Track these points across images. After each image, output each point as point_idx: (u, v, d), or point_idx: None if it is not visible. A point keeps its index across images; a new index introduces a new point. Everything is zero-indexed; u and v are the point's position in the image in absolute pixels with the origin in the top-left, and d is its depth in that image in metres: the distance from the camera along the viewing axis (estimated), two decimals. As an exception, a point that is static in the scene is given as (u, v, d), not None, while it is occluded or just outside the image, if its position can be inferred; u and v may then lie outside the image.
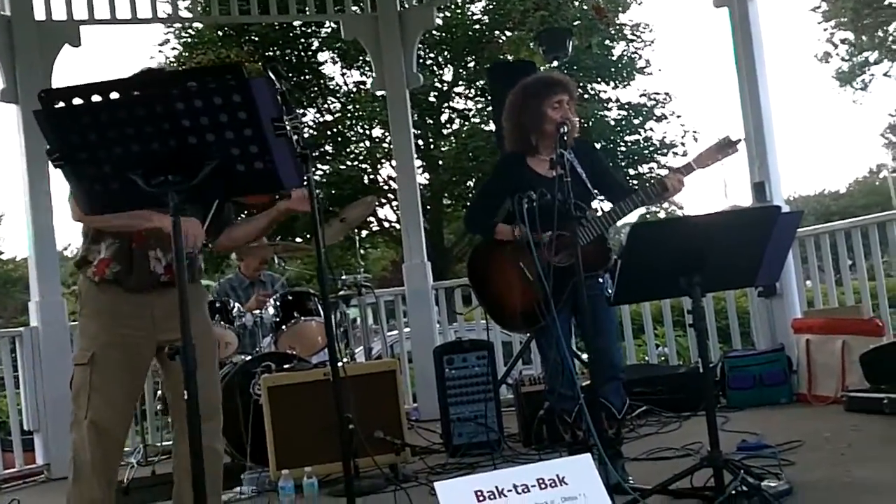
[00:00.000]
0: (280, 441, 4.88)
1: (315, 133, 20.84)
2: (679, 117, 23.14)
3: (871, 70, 30.19)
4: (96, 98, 2.41)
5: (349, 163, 21.26)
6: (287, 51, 20.43)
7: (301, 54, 20.84)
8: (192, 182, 2.51)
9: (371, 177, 21.33)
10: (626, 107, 22.46)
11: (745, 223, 3.64)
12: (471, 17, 20.74)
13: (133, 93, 2.41)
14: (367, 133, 21.45)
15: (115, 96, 2.40)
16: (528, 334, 5.80)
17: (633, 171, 22.32)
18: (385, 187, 20.68)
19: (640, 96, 22.53)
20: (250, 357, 5.66)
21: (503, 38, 18.41)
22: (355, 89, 21.25)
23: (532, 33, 7.74)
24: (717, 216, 3.74)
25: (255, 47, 19.63)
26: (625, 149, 22.10)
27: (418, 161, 19.53)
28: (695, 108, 68.07)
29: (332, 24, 17.14)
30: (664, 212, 21.79)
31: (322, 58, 21.39)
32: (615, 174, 4.55)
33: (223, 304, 5.97)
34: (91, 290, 3.55)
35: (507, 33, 18.05)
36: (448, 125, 22.29)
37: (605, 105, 22.27)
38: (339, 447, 3.39)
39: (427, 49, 20.17)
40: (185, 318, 2.69)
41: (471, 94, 21.88)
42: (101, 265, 3.51)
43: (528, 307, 4.14)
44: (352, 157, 21.46)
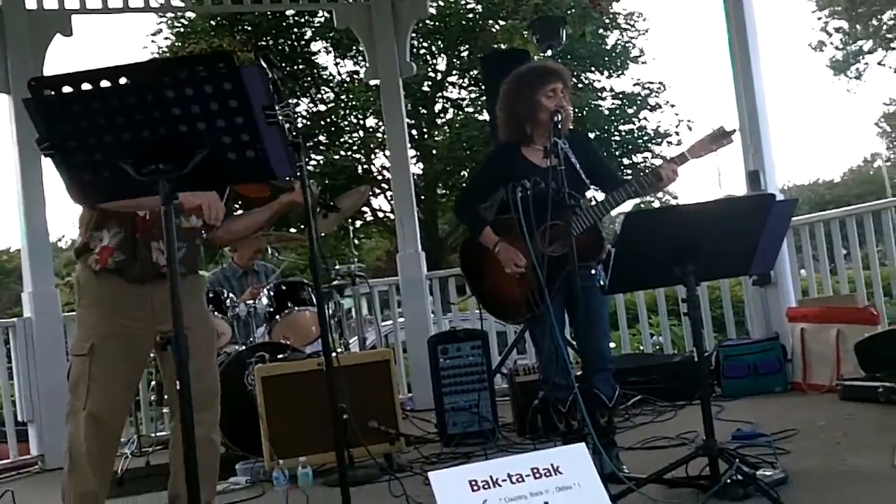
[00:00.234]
0: (274, 431, 4.87)
1: (308, 123, 20.80)
2: (673, 106, 23.24)
3: (865, 59, 30.24)
4: (86, 86, 2.38)
5: (343, 153, 21.24)
6: (280, 40, 20.38)
7: (294, 44, 20.80)
8: (183, 171, 2.48)
9: (365, 167, 21.30)
10: (620, 96, 22.47)
11: (739, 211, 3.63)
12: (464, 6, 20.72)
13: (123, 81, 2.39)
14: (361, 123, 21.43)
15: (105, 84, 2.38)
16: (523, 324, 5.79)
17: (627, 161, 22.35)
18: (379, 177, 20.66)
19: (634, 85, 22.57)
20: (244, 347, 5.65)
21: (497, 27, 18.36)
22: (349, 79, 21.22)
23: (525, 22, 7.70)
24: (711, 204, 3.73)
25: (247, 37, 19.57)
26: (619, 138, 22.12)
27: (412, 151, 19.47)
28: (689, 98, 67.99)
29: (325, 14, 17.08)
30: (658, 201, 21.84)
31: (315, 47, 21.38)
32: (609, 164, 4.54)
33: (216, 294, 5.94)
34: (90, 280, 3.52)
35: (501, 22, 18.01)
36: (442, 115, 22.27)
37: (599, 94, 22.27)
38: (333, 437, 3.39)
39: (420, 38, 20.13)
40: (176, 309, 2.68)
41: (464, 84, 21.87)
42: (103, 253, 3.47)
43: (521, 297, 4.13)
44: (345, 146, 21.44)
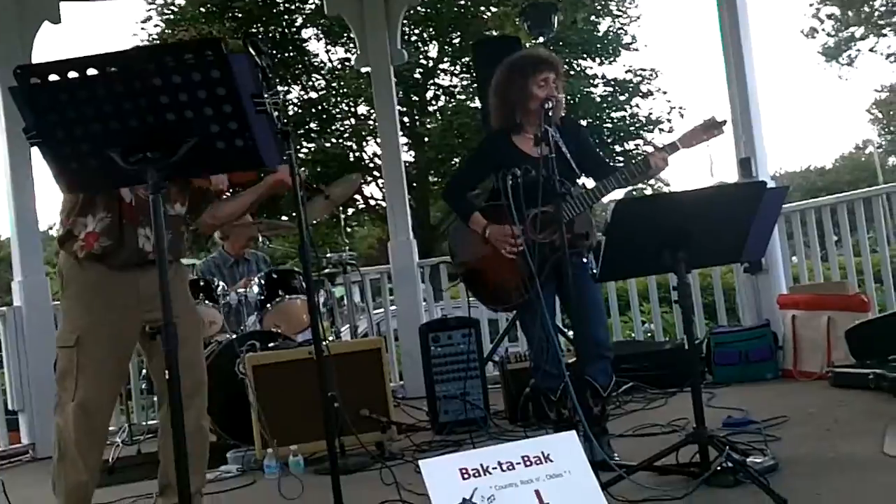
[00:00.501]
0: (266, 420, 4.87)
1: (300, 110, 20.75)
2: (665, 93, 23.17)
3: (856, 45, 30.22)
4: (73, 74, 2.36)
5: (334, 140, 21.19)
6: (270, 27, 20.31)
7: (285, 31, 20.73)
8: (172, 159, 2.47)
9: (356, 154, 21.27)
10: (612, 83, 22.46)
11: (730, 199, 3.62)
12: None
13: (110, 69, 2.37)
14: (352, 110, 21.38)
15: (92, 72, 2.36)
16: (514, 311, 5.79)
17: (619, 148, 22.36)
18: (370, 165, 20.63)
19: (626, 72, 22.56)
20: (235, 336, 5.64)
21: (488, 13, 18.32)
22: (340, 66, 21.15)
23: (517, 9, 7.69)
24: (702, 192, 3.72)
25: (237, 24, 19.49)
26: (611, 125, 22.13)
27: (404, 138, 19.47)
28: (681, 85, 68.08)
29: (316, 1, 17.02)
30: (650, 188, 21.84)
31: (306, 34, 21.29)
32: (600, 153, 4.53)
33: (207, 282, 5.93)
34: (74, 269, 3.49)
35: (493, 9, 17.96)
36: (433, 102, 22.24)
37: (591, 81, 22.25)
38: (324, 425, 3.39)
39: (412, 25, 20.07)
40: (166, 298, 2.67)
41: (456, 71, 21.83)
42: (88, 239, 3.43)
43: (511, 284, 4.12)
44: (336, 134, 21.39)
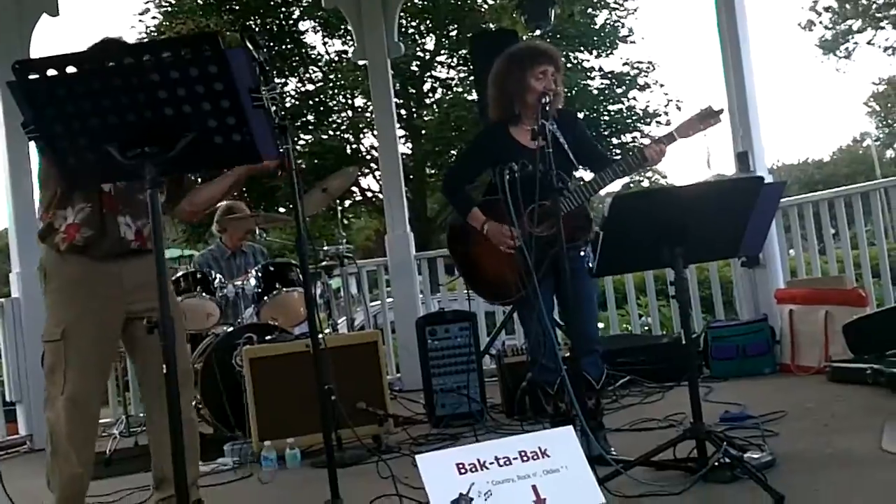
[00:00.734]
0: (262, 412, 4.87)
1: (297, 102, 20.72)
2: (662, 86, 23.17)
3: (854, 38, 30.25)
4: (71, 69, 2.36)
5: (331, 132, 21.17)
6: (268, 20, 20.27)
7: (282, 23, 20.69)
8: (169, 154, 2.47)
9: (353, 146, 21.25)
10: (609, 76, 22.43)
11: (727, 195, 3.62)
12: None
13: (108, 64, 2.37)
14: (349, 102, 21.35)
15: (90, 68, 2.36)
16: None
17: (616, 141, 22.34)
18: (367, 157, 20.61)
19: (623, 65, 22.53)
20: (232, 328, 5.64)
21: (485, 5, 18.30)
22: (337, 58, 21.12)
23: (514, 2, 7.68)
24: (699, 187, 3.72)
25: (235, 16, 19.46)
26: (608, 118, 22.11)
27: (401, 131, 19.43)
28: (678, 77, 68.10)
29: (314, -9, 17.00)
30: (647, 180, 21.86)
31: (303, 27, 21.25)
32: (597, 144, 4.52)
33: (205, 275, 5.92)
34: (57, 262, 3.50)
35: (490, 1, 17.95)
36: (430, 94, 22.22)
37: (588, 74, 22.22)
38: (321, 418, 3.39)
39: (409, 18, 20.03)
40: (163, 291, 2.66)
41: (453, 63, 21.79)
42: (70, 231, 3.44)
43: (509, 278, 4.12)
44: (334, 126, 21.37)
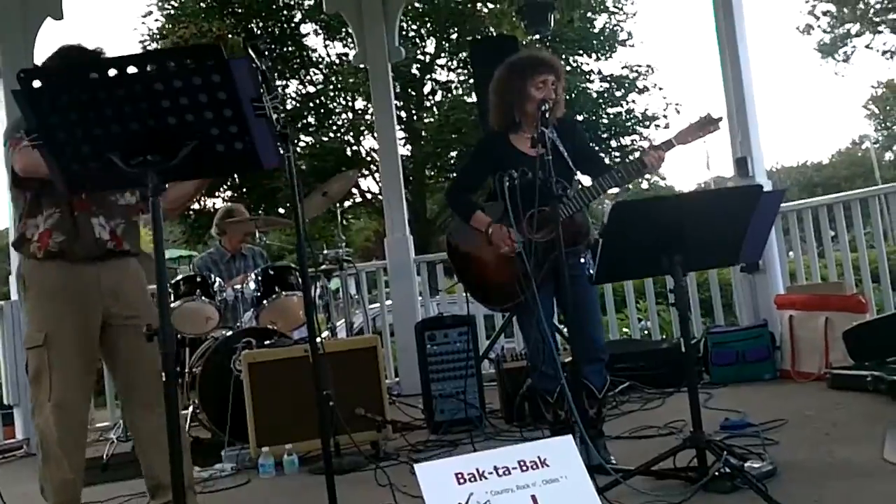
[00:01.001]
0: (260, 418, 4.86)
1: (298, 105, 20.74)
2: (661, 89, 23.23)
3: (852, 42, 30.28)
4: (75, 78, 2.37)
5: (332, 134, 21.19)
6: (270, 22, 20.30)
7: (284, 26, 20.71)
8: (172, 162, 2.48)
9: (353, 148, 21.27)
10: (609, 79, 22.48)
11: (726, 202, 3.62)
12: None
13: (112, 73, 2.37)
14: (350, 105, 21.37)
15: (94, 76, 2.36)
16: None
17: (615, 143, 22.38)
18: (368, 158, 20.63)
19: (622, 68, 22.59)
20: (231, 332, 5.63)
21: (485, 9, 18.32)
22: (338, 61, 21.15)
23: (514, 6, 7.70)
24: (698, 195, 3.73)
25: (237, 19, 19.48)
26: (607, 121, 22.15)
27: (401, 133, 19.47)
28: (677, 81, 68.07)
29: (315, -4, 17.03)
30: (647, 182, 21.85)
31: (305, 29, 21.30)
32: (596, 151, 4.54)
33: (204, 278, 5.92)
34: (35, 269, 3.51)
35: (490, 5, 17.96)
36: (431, 97, 22.24)
37: (588, 77, 22.25)
38: (319, 424, 3.39)
39: (409, 21, 20.05)
40: (162, 298, 2.67)
41: (453, 66, 21.82)
42: (43, 238, 3.46)
43: (508, 284, 4.12)
44: (334, 128, 21.39)
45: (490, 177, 4.21)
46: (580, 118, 20.44)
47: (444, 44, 21.43)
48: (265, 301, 5.90)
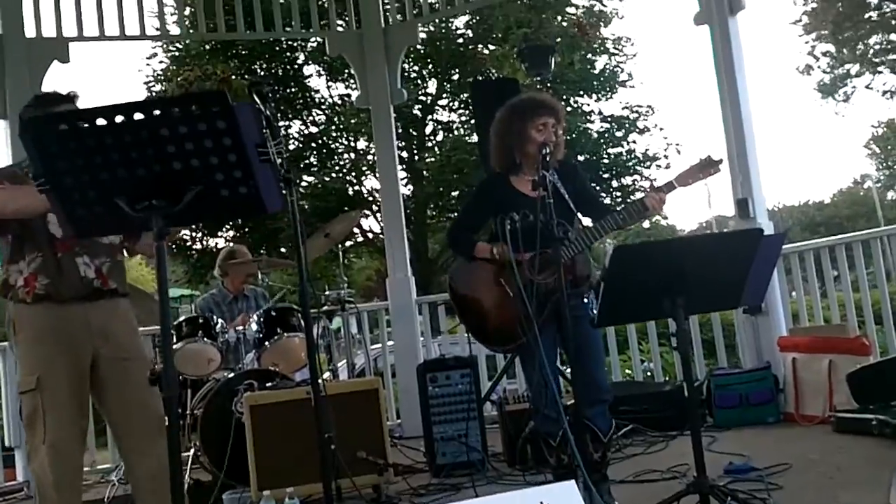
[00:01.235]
0: (262, 460, 4.84)
1: (300, 145, 20.85)
2: (662, 130, 23.31)
3: (852, 82, 30.44)
4: (82, 124, 2.39)
5: (334, 174, 21.26)
6: (273, 64, 20.44)
7: (287, 67, 20.86)
8: (177, 207, 2.50)
9: (355, 188, 21.33)
10: (609, 119, 22.55)
11: (727, 246, 3.64)
12: (455, 32, 20.80)
13: (119, 119, 2.39)
14: (352, 145, 21.47)
15: (101, 122, 2.38)
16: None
17: (616, 183, 22.42)
18: (370, 198, 20.68)
19: (623, 109, 22.66)
20: (233, 374, 5.62)
21: (486, 51, 18.46)
22: (340, 102, 21.28)
23: (515, 49, 7.76)
24: (699, 238, 3.74)
25: (241, 61, 19.63)
26: (608, 161, 22.18)
27: (402, 173, 19.53)
28: (678, 121, 68.48)
29: (318, 39, 17.16)
30: (648, 221, 21.86)
31: (308, 71, 21.43)
32: (598, 195, 4.56)
33: (206, 319, 5.92)
34: (24, 312, 3.52)
35: (491, 46, 18.10)
36: (432, 137, 22.34)
37: (588, 117, 22.35)
38: (320, 467, 3.38)
39: (411, 62, 20.19)
40: (166, 340, 2.67)
41: (455, 107, 21.93)
42: (29, 282, 3.49)
43: (510, 325, 4.12)
44: (336, 168, 21.47)
45: (491, 218, 4.22)
46: (581, 158, 20.51)
47: (445, 84, 21.56)
48: (267, 342, 5.89)
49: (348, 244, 20.63)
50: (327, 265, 18.84)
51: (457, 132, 21.69)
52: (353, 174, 21.32)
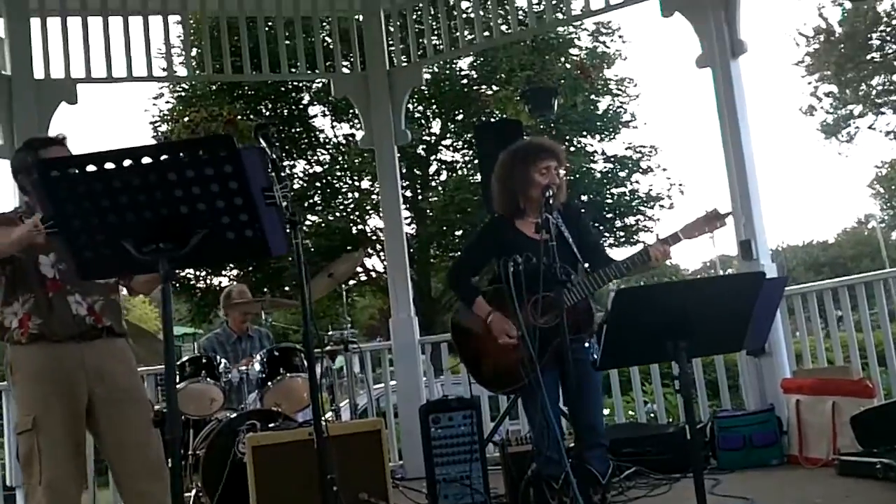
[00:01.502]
0: (264, 502, 4.82)
1: (304, 184, 20.96)
2: (665, 170, 23.38)
3: (855, 122, 30.54)
4: (91, 168, 2.42)
5: (338, 214, 21.35)
6: (279, 104, 20.62)
7: (292, 108, 21.04)
8: (183, 250, 2.52)
9: (359, 227, 21.40)
10: (612, 159, 22.64)
11: (729, 290, 3.64)
12: (459, 73, 20.97)
13: (127, 163, 2.43)
14: (356, 184, 21.57)
15: (109, 166, 2.42)
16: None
17: (619, 223, 22.47)
18: (373, 237, 20.74)
19: (626, 149, 22.74)
20: (235, 414, 5.62)
21: (490, 91, 18.60)
22: (345, 141, 21.41)
23: (518, 91, 7.81)
24: (701, 282, 3.76)
25: (247, 101, 19.78)
26: (611, 201, 22.24)
27: (406, 212, 19.62)
28: (681, 161, 68.78)
29: (323, 80, 17.33)
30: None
31: (313, 111, 21.61)
32: (600, 242, 4.60)
33: (209, 359, 5.93)
34: (20, 353, 3.55)
35: (495, 87, 18.25)
36: (436, 176, 22.45)
37: (592, 158, 22.44)
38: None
39: (415, 102, 20.34)
40: (170, 382, 2.69)
41: (459, 147, 22.06)
42: (23, 323, 3.52)
43: (511, 368, 4.13)
44: (340, 207, 21.56)
45: (494, 260, 4.25)
46: (584, 198, 20.57)
47: (449, 125, 21.72)
48: (270, 383, 5.89)
49: (351, 283, 20.67)
50: (330, 304, 18.87)
51: (460, 172, 21.80)
52: (357, 213, 21.41)
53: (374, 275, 21.67)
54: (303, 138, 21.36)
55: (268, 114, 19.75)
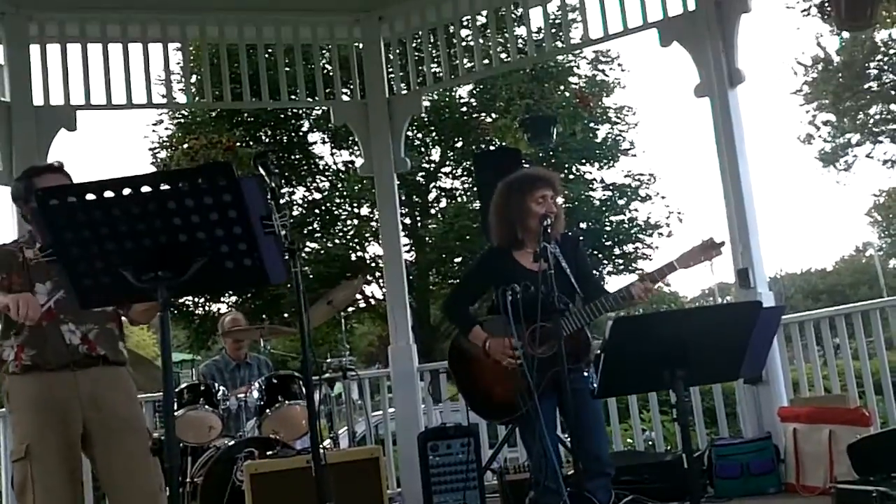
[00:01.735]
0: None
1: (304, 211, 20.99)
2: (664, 198, 23.41)
3: (853, 151, 30.64)
4: (90, 196, 2.44)
5: (337, 241, 21.37)
6: (278, 131, 20.68)
7: (291, 135, 21.10)
8: (182, 278, 2.54)
9: (358, 254, 21.42)
10: (611, 187, 22.69)
11: (726, 319, 3.66)
12: (458, 101, 21.06)
13: (126, 191, 2.45)
14: (355, 211, 21.61)
15: (108, 195, 2.44)
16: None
17: (617, 251, 22.50)
18: (372, 264, 20.75)
19: (625, 177, 22.81)
20: (234, 442, 5.62)
21: (489, 119, 18.69)
22: (344, 168, 21.47)
23: (517, 119, 7.84)
24: (698, 311, 3.77)
25: (246, 128, 19.84)
26: (610, 228, 22.27)
27: (405, 239, 19.65)
28: (680, 189, 68.91)
29: (323, 107, 17.41)
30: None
31: (312, 138, 21.67)
32: (595, 273, 4.62)
33: (208, 386, 5.93)
34: (15, 383, 3.58)
35: (494, 115, 18.33)
36: (435, 204, 22.49)
37: (590, 186, 22.49)
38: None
39: (415, 129, 20.42)
40: (168, 407, 2.69)
41: (458, 174, 22.12)
42: (18, 354, 3.54)
43: (508, 397, 4.14)
44: (339, 234, 21.58)
45: (492, 290, 4.26)
46: (583, 226, 20.61)
47: (448, 152, 21.79)
48: (268, 410, 5.89)
49: (350, 310, 20.65)
50: (329, 331, 18.84)
51: (460, 199, 21.85)
52: (356, 240, 21.43)
53: (373, 302, 21.65)
54: (302, 165, 21.41)
55: (267, 141, 19.81)
